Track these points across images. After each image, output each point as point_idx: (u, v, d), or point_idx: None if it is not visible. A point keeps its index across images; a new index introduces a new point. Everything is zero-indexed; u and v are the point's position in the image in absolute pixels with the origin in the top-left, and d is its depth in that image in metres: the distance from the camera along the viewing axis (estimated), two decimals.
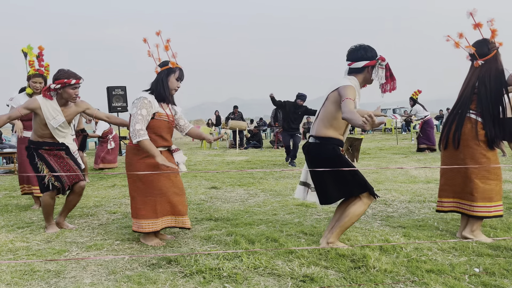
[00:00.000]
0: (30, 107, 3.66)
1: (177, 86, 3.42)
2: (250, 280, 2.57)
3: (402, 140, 16.62)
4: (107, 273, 2.78)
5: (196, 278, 2.64)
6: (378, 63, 3.05)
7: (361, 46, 3.08)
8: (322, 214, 4.33)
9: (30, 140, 3.83)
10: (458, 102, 3.37)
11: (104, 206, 5.05)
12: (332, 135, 3.07)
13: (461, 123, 3.27)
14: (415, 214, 4.23)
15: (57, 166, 3.79)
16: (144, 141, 3.17)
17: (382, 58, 3.04)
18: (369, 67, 3.06)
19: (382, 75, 3.05)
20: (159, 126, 3.33)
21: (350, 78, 3.05)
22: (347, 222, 3.05)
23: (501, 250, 2.99)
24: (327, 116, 3.07)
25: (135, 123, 3.18)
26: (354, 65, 3.07)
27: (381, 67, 3.04)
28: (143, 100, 3.23)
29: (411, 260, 2.81)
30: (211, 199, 5.32)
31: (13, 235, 3.76)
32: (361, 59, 3.04)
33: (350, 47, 3.13)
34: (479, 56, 3.22)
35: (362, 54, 3.04)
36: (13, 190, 6.51)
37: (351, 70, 3.11)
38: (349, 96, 2.84)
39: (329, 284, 2.49)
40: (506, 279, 2.49)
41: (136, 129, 3.17)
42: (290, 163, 9.06)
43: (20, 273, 2.77)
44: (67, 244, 3.46)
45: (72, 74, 3.63)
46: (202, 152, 14.06)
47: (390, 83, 3.07)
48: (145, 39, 3.41)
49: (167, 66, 3.36)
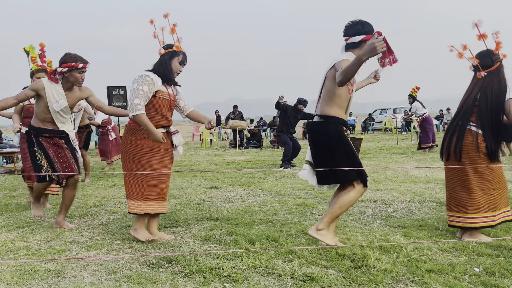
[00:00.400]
0: (34, 88, 3.67)
1: (179, 70, 3.43)
2: (250, 280, 2.57)
3: (402, 140, 16.62)
4: (107, 272, 2.78)
5: (196, 277, 2.64)
6: (375, 37, 3.05)
7: (358, 21, 3.09)
8: (322, 213, 4.33)
9: (31, 125, 3.81)
10: (459, 113, 3.35)
11: (104, 205, 5.05)
12: (335, 114, 3.08)
13: (461, 135, 3.27)
14: (415, 214, 4.23)
15: (54, 158, 3.79)
16: (140, 115, 3.17)
17: (379, 32, 3.02)
18: (365, 42, 3.05)
19: None
20: (160, 104, 3.34)
21: (347, 54, 3.06)
22: (337, 210, 3.06)
23: (501, 250, 2.99)
24: (328, 94, 3.08)
25: (134, 97, 3.19)
26: (351, 40, 3.08)
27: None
28: (146, 77, 3.25)
29: (411, 260, 2.81)
30: (211, 199, 5.32)
31: (13, 235, 3.76)
32: (358, 34, 3.06)
33: (347, 23, 3.14)
34: (482, 68, 3.22)
35: (359, 28, 3.06)
36: (13, 190, 6.51)
37: (348, 45, 3.12)
38: (343, 67, 2.82)
39: (329, 283, 2.49)
40: (506, 279, 2.49)
41: (134, 103, 3.18)
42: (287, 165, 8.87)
43: (20, 273, 2.77)
44: (67, 244, 3.46)
45: (79, 58, 3.65)
46: (202, 152, 14.06)
47: (389, 57, 3.07)
48: (151, 20, 3.42)
49: (171, 49, 3.38)
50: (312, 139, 3.21)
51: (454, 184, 3.34)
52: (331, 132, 3.07)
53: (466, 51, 3.28)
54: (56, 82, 3.70)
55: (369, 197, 5.09)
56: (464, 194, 3.26)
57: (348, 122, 3.14)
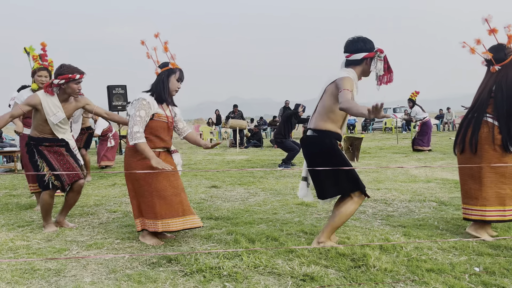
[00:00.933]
0: (31, 104, 3.66)
1: (177, 87, 3.43)
2: (250, 279, 2.57)
3: (402, 139, 16.61)
4: (107, 271, 2.78)
5: (196, 277, 2.64)
6: (377, 55, 3.04)
7: (360, 38, 3.07)
8: (322, 213, 4.33)
9: (30, 136, 3.80)
10: (474, 106, 3.33)
11: (105, 205, 5.05)
12: (329, 128, 3.06)
13: (477, 127, 3.25)
14: (415, 213, 4.23)
15: (57, 164, 3.77)
16: (140, 144, 3.16)
17: (381, 50, 3.03)
18: (368, 59, 3.05)
19: (380, 67, 3.04)
20: (158, 127, 3.33)
21: (348, 70, 3.04)
22: (337, 222, 3.06)
23: (501, 249, 2.99)
24: (324, 109, 3.06)
25: (133, 125, 3.18)
26: (353, 57, 3.05)
27: (379, 59, 3.04)
28: (142, 101, 3.23)
29: (411, 259, 2.81)
30: (211, 198, 5.32)
31: (14, 234, 3.76)
32: (360, 51, 3.03)
33: (348, 39, 3.11)
34: (496, 62, 3.21)
35: (361, 46, 3.04)
36: (13, 189, 6.51)
37: (349, 62, 3.09)
38: (346, 87, 2.84)
39: (329, 283, 2.49)
40: (506, 278, 2.49)
41: (133, 131, 3.17)
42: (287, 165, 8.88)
43: (20, 272, 2.77)
44: (67, 243, 3.46)
45: (75, 69, 3.65)
46: (202, 151, 14.05)
47: (387, 75, 3.07)
48: (142, 41, 3.41)
49: (168, 67, 3.37)
50: (306, 153, 3.19)
51: (467, 176, 3.33)
52: (325, 145, 3.05)
53: (478, 46, 3.26)
54: (52, 94, 3.69)
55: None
56: (476, 186, 3.26)
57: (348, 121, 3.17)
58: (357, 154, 9.28)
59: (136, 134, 3.17)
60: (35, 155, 3.77)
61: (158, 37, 3.34)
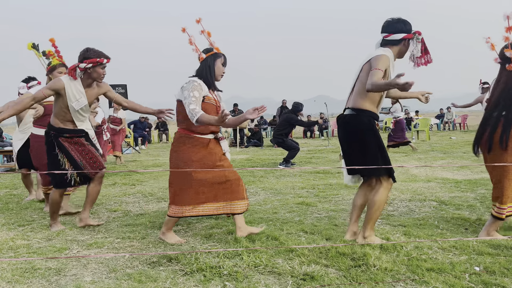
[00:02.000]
0: (54, 88, 3.54)
1: (223, 72, 3.41)
2: (250, 278, 2.57)
3: None
4: (107, 271, 2.78)
5: (196, 276, 2.64)
6: (415, 36, 3.09)
7: (400, 19, 3.11)
8: (323, 212, 4.33)
9: (50, 125, 3.66)
10: (496, 105, 3.29)
11: (105, 204, 5.05)
12: (368, 107, 3.10)
13: (509, 124, 3.19)
14: (416, 212, 4.23)
15: (79, 158, 3.67)
16: (201, 116, 3.11)
17: (419, 32, 3.08)
18: (406, 40, 3.09)
19: (418, 48, 3.09)
20: (208, 109, 3.29)
21: (385, 49, 3.07)
22: (376, 212, 3.10)
23: (502, 249, 2.99)
24: (363, 88, 3.08)
25: (189, 103, 3.14)
26: (392, 37, 3.09)
27: (418, 40, 3.09)
28: (193, 83, 3.23)
29: (412, 259, 2.81)
30: None
31: (14, 233, 3.76)
32: (399, 31, 3.07)
33: (387, 20, 3.15)
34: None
35: (401, 26, 3.08)
36: (13, 188, 6.52)
37: (386, 41, 3.12)
38: (378, 67, 2.89)
39: (329, 282, 2.49)
40: (507, 278, 2.49)
41: (191, 109, 3.13)
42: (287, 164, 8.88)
43: (20, 271, 2.78)
44: (67, 242, 3.46)
45: (102, 53, 3.58)
46: None
47: (424, 57, 3.12)
48: (184, 28, 3.38)
49: (213, 52, 3.36)
50: (343, 132, 3.20)
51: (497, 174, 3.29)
52: (364, 125, 3.08)
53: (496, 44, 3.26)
54: (76, 78, 3.58)
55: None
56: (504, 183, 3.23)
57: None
58: None
59: (194, 111, 3.12)
60: (55, 148, 3.63)
61: (200, 22, 3.32)
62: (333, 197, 5.11)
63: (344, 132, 3.21)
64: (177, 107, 3.35)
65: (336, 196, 5.19)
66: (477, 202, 4.57)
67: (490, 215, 3.30)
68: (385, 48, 3.09)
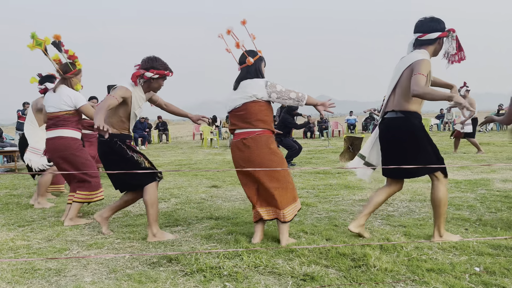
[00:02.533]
0: (124, 96, 3.41)
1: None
2: (250, 279, 2.57)
3: None
4: (107, 271, 2.78)
5: (196, 276, 2.64)
6: (450, 34, 3.11)
7: (433, 18, 3.13)
8: (323, 213, 4.33)
9: (113, 134, 3.44)
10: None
11: (105, 204, 5.05)
12: (415, 109, 3.13)
13: None
14: (416, 213, 4.23)
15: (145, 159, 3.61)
16: (308, 97, 3.23)
17: (453, 30, 3.10)
18: (441, 39, 3.12)
19: (453, 46, 3.12)
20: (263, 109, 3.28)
21: (423, 52, 3.09)
22: (443, 208, 3.14)
23: (502, 249, 2.98)
24: (406, 91, 3.08)
25: (289, 94, 3.18)
26: (427, 37, 3.10)
27: (452, 38, 3.12)
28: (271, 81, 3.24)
29: (412, 259, 2.81)
30: (211, 198, 5.32)
31: (14, 234, 3.76)
32: (434, 30, 3.09)
33: (419, 19, 3.17)
34: None
35: (435, 25, 3.10)
36: (13, 189, 6.52)
37: (421, 41, 3.13)
38: (421, 72, 2.92)
39: (329, 283, 2.49)
40: (507, 278, 2.49)
41: (295, 97, 3.19)
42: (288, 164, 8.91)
43: (21, 272, 2.78)
44: (67, 243, 3.46)
45: (167, 66, 3.56)
46: (202, 151, 14.06)
47: (458, 54, 3.14)
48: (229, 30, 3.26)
49: (258, 56, 3.34)
50: (392, 134, 3.18)
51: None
52: (415, 126, 3.10)
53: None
54: (137, 85, 3.50)
55: (369, 196, 5.08)
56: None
57: (348, 121, 3.15)
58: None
59: (298, 95, 3.19)
60: (127, 151, 3.49)
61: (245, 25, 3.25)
62: (333, 198, 5.11)
63: (393, 134, 3.18)
64: (256, 108, 3.22)
65: (336, 196, 5.19)
66: (477, 203, 4.57)
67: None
68: (422, 51, 3.09)
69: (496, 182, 5.79)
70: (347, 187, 5.81)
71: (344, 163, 8.87)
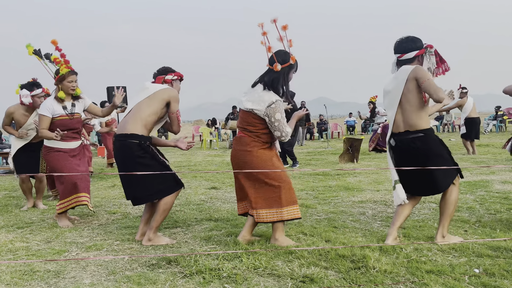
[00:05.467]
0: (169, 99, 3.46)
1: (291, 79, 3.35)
2: (250, 281, 2.57)
3: None
4: (106, 273, 2.78)
5: (195, 278, 2.64)
6: (427, 50, 3.18)
7: (408, 38, 3.20)
8: (322, 214, 4.33)
9: (139, 135, 3.31)
10: None
11: (104, 206, 5.05)
12: (428, 125, 3.17)
13: None
14: (415, 214, 4.23)
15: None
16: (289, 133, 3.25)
17: (430, 46, 3.17)
18: (419, 56, 3.18)
19: (433, 61, 3.18)
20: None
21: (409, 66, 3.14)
22: (452, 211, 3.20)
23: (501, 251, 2.98)
24: (416, 106, 3.11)
25: (285, 126, 3.19)
26: (405, 57, 3.18)
27: (431, 54, 3.18)
28: (280, 103, 3.18)
29: (411, 261, 2.81)
30: (211, 200, 5.32)
31: (13, 235, 3.76)
32: (410, 50, 3.17)
33: (397, 41, 3.24)
34: None
35: (410, 45, 3.17)
36: (12, 190, 6.51)
37: (402, 62, 3.21)
38: (428, 77, 3.02)
39: (329, 284, 2.49)
40: (506, 280, 2.49)
41: (288, 132, 3.21)
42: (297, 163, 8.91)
43: (19, 273, 2.77)
44: (66, 245, 3.46)
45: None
46: (202, 152, 14.06)
47: (441, 66, 3.22)
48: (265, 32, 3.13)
49: (289, 63, 3.22)
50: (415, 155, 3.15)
51: None
52: (436, 142, 3.16)
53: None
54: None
55: (369, 198, 5.09)
56: None
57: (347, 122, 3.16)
58: (357, 155, 9.28)
59: (289, 133, 3.22)
60: (158, 156, 3.44)
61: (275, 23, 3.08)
62: (333, 199, 5.11)
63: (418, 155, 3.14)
64: (246, 117, 3.24)
65: (335, 198, 5.19)
66: (477, 204, 4.57)
67: None
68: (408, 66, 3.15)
69: (495, 184, 5.79)
70: (346, 188, 5.81)
71: (344, 165, 8.87)
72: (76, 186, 4.12)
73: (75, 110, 4.23)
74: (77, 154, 4.28)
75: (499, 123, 20.66)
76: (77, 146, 4.29)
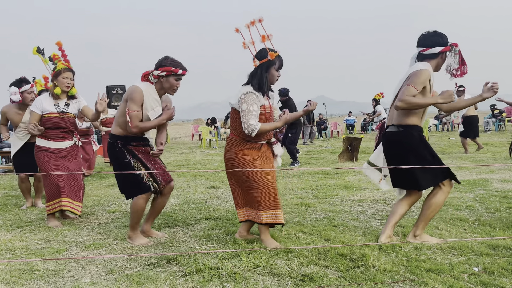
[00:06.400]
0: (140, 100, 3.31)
1: (277, 76, 3.28)
2: (249, 279, 2.57)
3: None
4: (106, 272, 2.78)
5: (195, 277, 2.64)
6: (452, 48, 3.12)
7: (436, 32, 3.13)
8: (322, 213, 4.33)
9: (114, 135, 3.38)
10: None
11: (103, 205, 5.04)
12: (414, 122, 3.14)
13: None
14: (415, 213, 4.23)
15: (151, 165, 3.42)
16: (260, 129, 3.13)
17: (456, 44, 3.11)
18: (444, 53, 3.12)
19: (456, 60, 3.13)
20: (261, 119, 3.23)
21: (425, 64, 3.09)
22: (431, 213, 3.16)
23: (500, 249, 2.99)
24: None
25: (248, 119, 3.10)
26: (429, 51, 3.10)
27: (455, 52, 3.12)
28: (252, 95, 3.14)
29: (411, 260, 2.81)
30: (210, 198, 5.32)
31: (12, 234, 3.76)
32: (436, 45, 3.09)
33: (422, 33, 3.17)
34: None
35: (438, 39, 3.10)
36: (12, 190, 6.51)
37: (424, 56, 3.13)
38: (413, 83, 2.96)
39: (328, 283, 2.49)
40: (505, 278, 2.49)
41: (250, 124, 3.10)
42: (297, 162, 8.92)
43: (19, 272, 2.77)
44: (66, 243, 3.46)
45: (179, 63, 3.37)
46: (201, 151, 14.05)
47: (461, 68, 3.15)
48: (237, 29, 3.17)
49: (266, 59, 3.19)
50: (393, 148, 3.19)
51: None
52: (415, 139, 3.11)
53: None
54: (151, 83, 3.37)
55: (368, 197, 5.09)
56: None
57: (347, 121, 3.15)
58: (356, 154, 9.28)
59: (253, 126, 3.10)
60: (125, 155, 3.36)
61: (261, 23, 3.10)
62: (332, 198, 5.11)
63: (394, 148, 3.19)
64: (232, 114, 3.28)
65: (335, 197, 5.19)
66: (476, 203, 4.57)
67: None
68: (425, 63, 3.09)
69: (494, 183, 5.80)
70: (346, 187, 5.81)
71: (343, 163, 8.87)
72: (58, 190, 4.05)
73: (67, 110, 4.16)
74: (67, 155, 4.18)
75: (498, 122, 20.67)
76: (67, 146, 4.19)
